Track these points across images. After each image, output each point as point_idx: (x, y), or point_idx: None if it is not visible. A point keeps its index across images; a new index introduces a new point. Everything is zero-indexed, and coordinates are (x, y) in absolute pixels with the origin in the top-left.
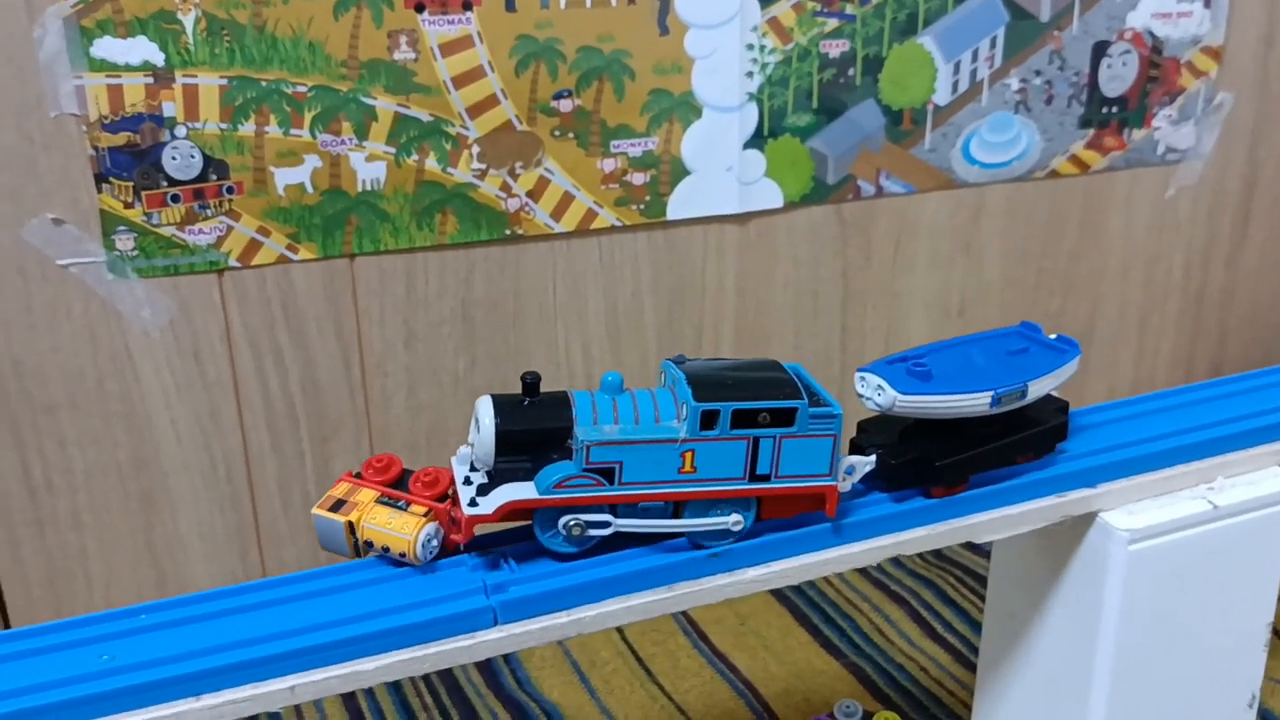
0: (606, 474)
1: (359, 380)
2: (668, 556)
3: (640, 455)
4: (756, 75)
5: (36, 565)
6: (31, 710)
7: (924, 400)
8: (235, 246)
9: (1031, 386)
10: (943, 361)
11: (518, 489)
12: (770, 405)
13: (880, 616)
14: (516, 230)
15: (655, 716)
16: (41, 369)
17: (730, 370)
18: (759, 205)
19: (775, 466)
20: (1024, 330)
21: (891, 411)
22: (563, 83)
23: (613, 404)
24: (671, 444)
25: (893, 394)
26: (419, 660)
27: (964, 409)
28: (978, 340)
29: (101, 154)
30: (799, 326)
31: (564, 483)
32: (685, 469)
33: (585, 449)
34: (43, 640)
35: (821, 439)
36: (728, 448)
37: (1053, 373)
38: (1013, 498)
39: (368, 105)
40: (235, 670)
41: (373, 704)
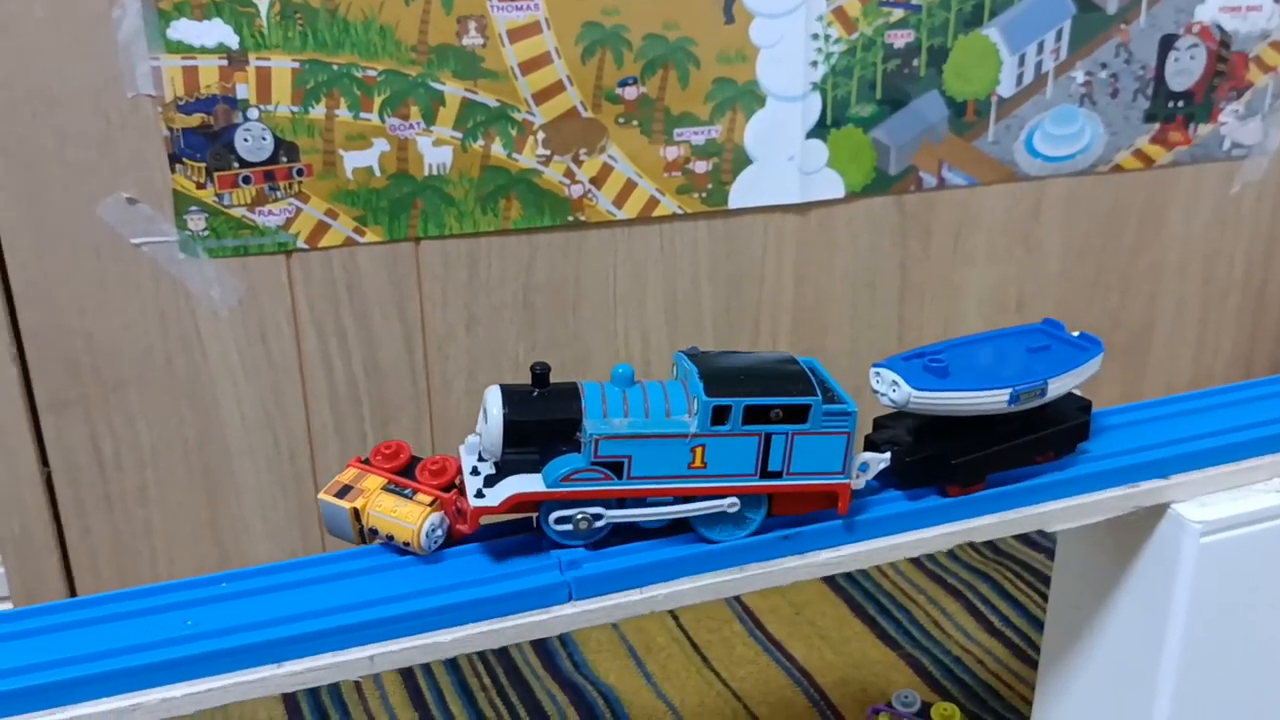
0: (615, 468)
1: (421, 363)
2: (746, 539)
3: (649, 449)
4: (821, 65)
5: (103, 538)
6: (122, 672)
7: (940, 397)
8: (303, 228)
9: (1051, 384)
10: (961, 358)
11: (525, 481)
12: (783, 401)
13: (936, 609)
14: (579, 217)
15: (711, 702)
16: (112, 346)
17: (743, 365)
18: (820, 195)
19: (787, 463)
20: (1046, 327)
21: (907, 408)
22: (628, 70)
23: (623, 396)
24: (682, 439)
25: (908, 390)
26: (495, 634)
27: (981, 406)
28: (997, 337)
29: (175, 135)
30: (856, 317)
31: (571, 476)
32: (695, 464)
33: (594, 442)
34: (128, 605)
35: (835, 436)
36: (739, 443)
37: (1073, 370)
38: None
39: (436, 90)
40: (317, 638)
41: (431, 683)
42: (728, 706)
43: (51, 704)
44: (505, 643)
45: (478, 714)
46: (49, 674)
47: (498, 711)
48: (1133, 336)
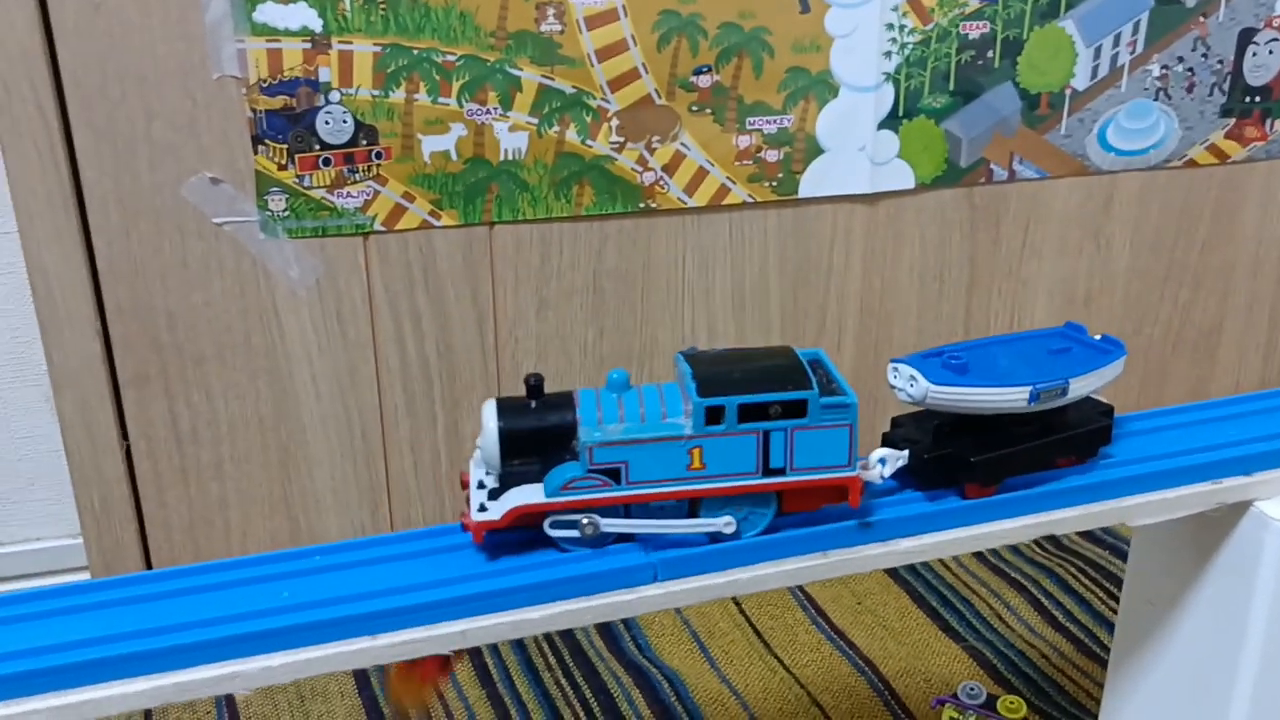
0: (612, 474)
1: (491, 346)
2: (826, 525)
3: (646, 454)
4: (895, 55)
5: (179, 511)
6: (223, 640)
7: (959, 392)
8: (381, 211)
9: (1073, 384)
10: (981, 357)
11: (526, 493)
12: (778, 397)
13: (999, 602)
14: (650, 204)
15: (775, 688)
16: (193, 322)
17: (739, 362)
18: (890, 186)
19: (790, 459)
20: (1067, 330)
21: (924, 404)
22: (703, 58)
23: (618, 402)
24: (677, 441)
25: (925, 385)
26: (582, 612)
27: (1001, 404)
28: (1019, 339)
29: (259, 116)
30: (923, 309)
31: (570, 484)
32: (694, 466)
33: (588, 450)
34: (226, 575)
35: (836, 429)
36: (737, 443)
37: (1096, 371)
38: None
39: (513, 76)
40: (412, 612)
41: (498, 661)
42: (791, 693)
43: (155, 669)
44: (591, 621)
45: (543, 692)
46: (152, 640)
47: (563, 691)
48: (1202, 334)
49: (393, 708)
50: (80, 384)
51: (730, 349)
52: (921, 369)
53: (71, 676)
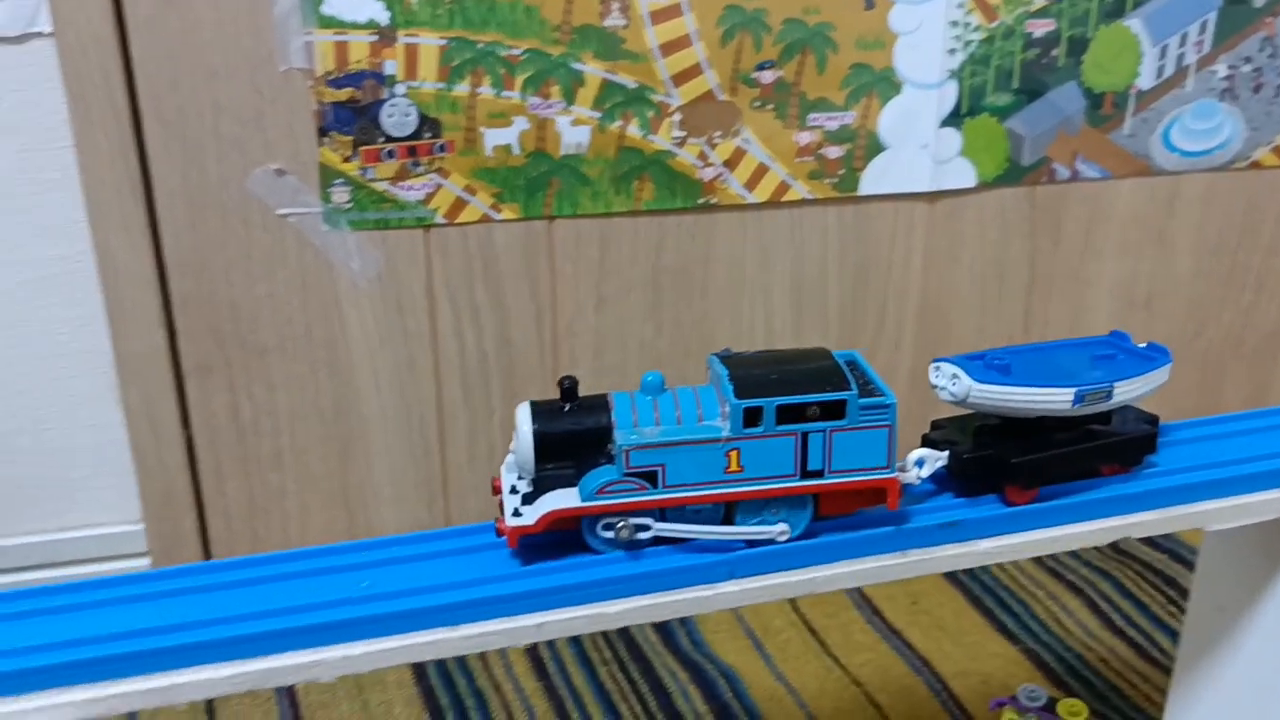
0: (649, 477)
1: (550, 340)
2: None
3: (683, 457)
4: (959, 52)
5: (239, 500)
6: (305, 629)
7: (1002, 391)
8: (443, 204)
9: (1118, 388)
10: (1024, 361)
11: (561, 497)
12: (817, 399)
13: (1056, 605)
14: (710, 200)
15: (831, 687)
16: (256, 314)
17: (776, 363)
18: (951, 184)
19: (828, 461)
20: (1112, 339)
21: (966, 403)
22: (766, 54)
23: (653, 404)
24: (715, 444)
25: (968, 383)
26: (660, 607)
27: (1044, 405)
28: (1062, 345)
29: (324, 108)
30: (982, 309)
31: (606, 488)
32: (732, 469)
33: (625, 453)
34: (301, 564)
35: (875, 430)
36: (775, 444)
37: (1141, 376)
38: (1187, 496)
39: (577, 70)
40: (489, 604)
41: (553, 655)
42: (847, 692)
43: (238, 656)
44: (668, 617)
45: (599, 686)
46: (236, 627)
47: (619, 684)
48: (1265, 338)
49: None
50: (145, 374)
51: (765, 350)
52: (964, 368)
53: (138, 664)
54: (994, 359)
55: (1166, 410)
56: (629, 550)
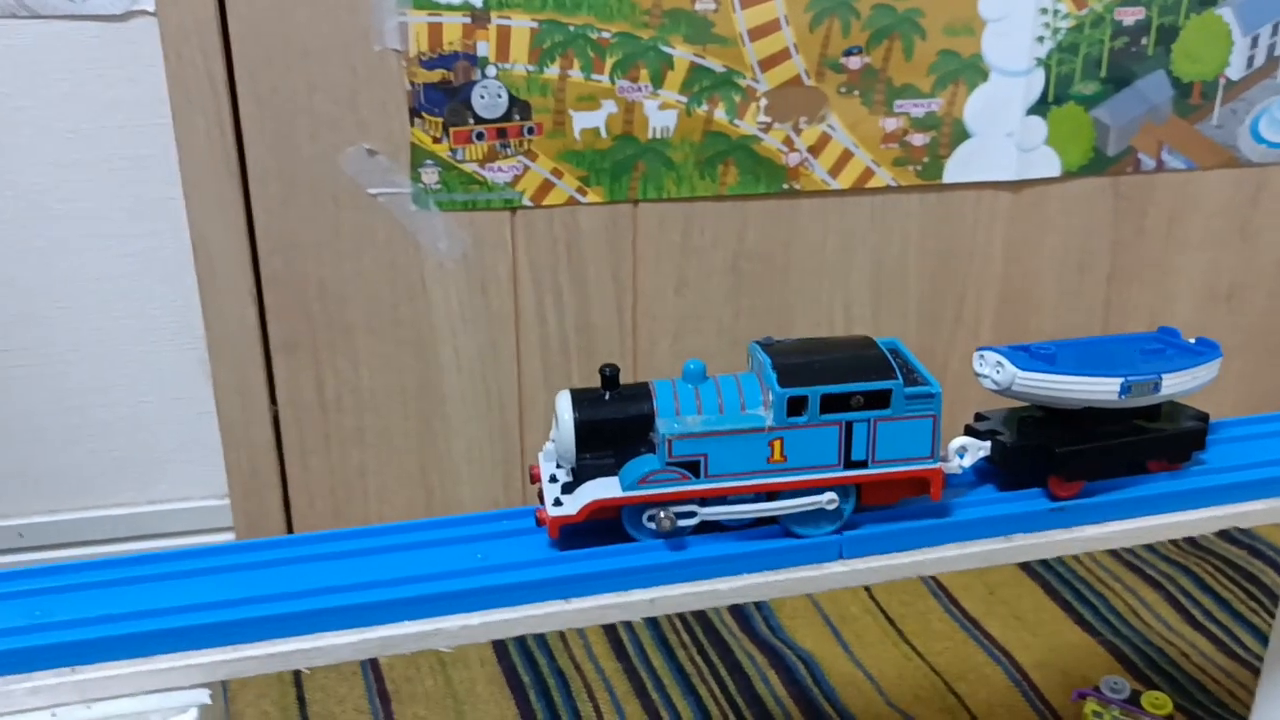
0: (691, 467)
1: (630, 323)
2: (1012, 506)
3: (725, 446)
4: (1047, 40)
5: (321, 476)
6: (426, 598)
7: (1047, 379)
8: (530, 186)
9: (1166, 380)
10: (1070, 352)
11: (602, 486)
12: (862, 387)
13: (1134, 598)
14: (793, 185)
15: (910, 675)
16: (343, 292)
17: (820, 352)
18: (1036, 173)
19: (871, 451)
20: (1161, 334)
21: (1010, 391)
22: (854, 39)
23: (695, 393)
24: (758, 433)
25: (1012, 370)
26: (770, 585)
27: (1090, 395)
28: (1111, 340)
29: (416, 89)
30: (1062, 299)
31: (648, 478)
32: (774, 458)
33: (667, 442)
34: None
35: (920, 420)
36: (819, 434)
37: (1190, 370)
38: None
39: (666, 54)
40: (602, 578)
41: (632, 636)
42: (926, 680)
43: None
44: (777, 595)
45: (678, 668)
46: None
47: (697, 667)
48: None
49: None
50: (235, 349)
51: (808, 338)
52: (1009, 356)
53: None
54: (1039, 349)
55: (1245, 404)
56: (669, 539)
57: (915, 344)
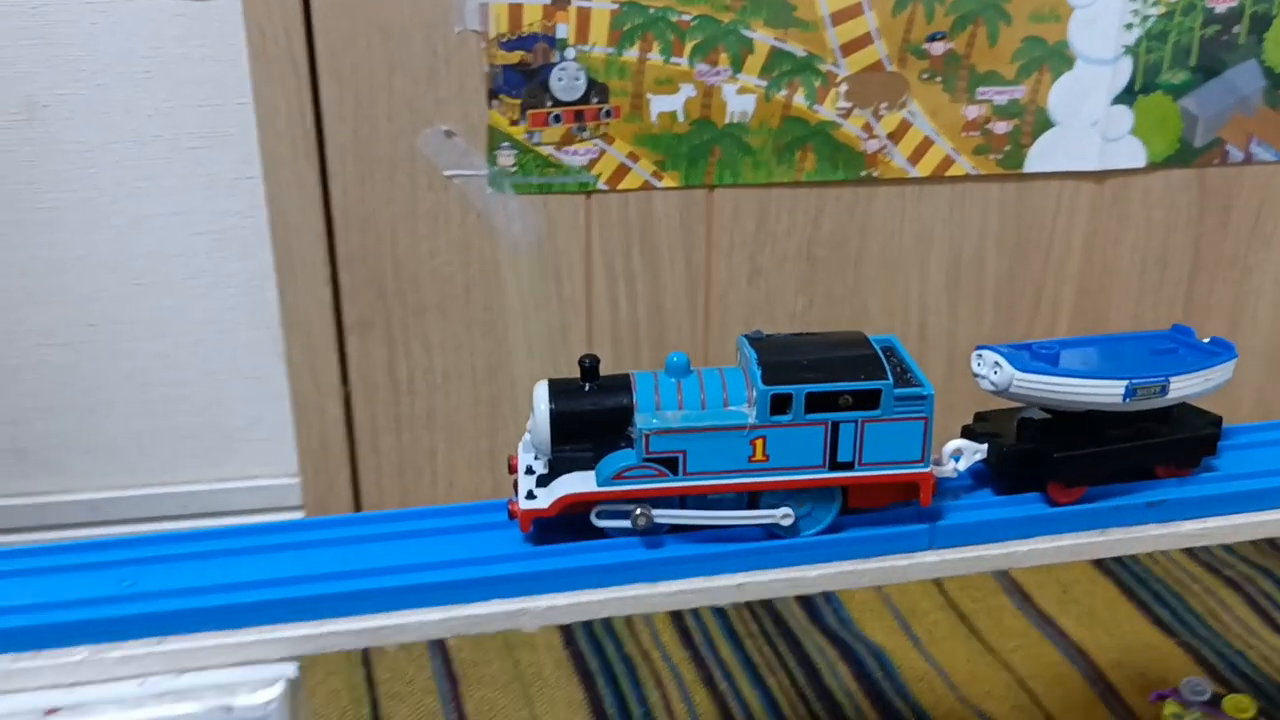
0: (669, 464)
1: (701, 310)
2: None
3: (705, 444)
4: (1135, 28)
5: (390, 457)
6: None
7: (1046, 381)
8: (605, 170)
9: (1174, 383)
10: (1076, 352)
11: (577, 480)
12: (849, 387)
13: (1213, 600)
14: (872, 172)
15: (982, 672)
16: (417, 273)
17: (809, 348)
18: (1119, 164)
19: (859, 453)
20: (1175, 333)
21: (1009, 393)
22: (937, 25)
23: (677, 387)
24: (740, 431)
25: (1010, 371)
26: (857, 574)
27: (1093, 398)
28: (1122, 338)
29: (495, 71)
30: (1141, 294)
31: (623, 473)
32: (756, 457)
33: (644, 438)
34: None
35: (910, 422)
36: (803, 434)
37: (1201, 372)
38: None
39: (746, 37)
40: (692, 562)
41: (699, 625)
42: (999, 677)
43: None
44: (867, 584)
45: (746, 658)
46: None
47: (765, 658)
48: None
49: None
50: (308, 328)
51: (799, 333)
52: (1008, 356)
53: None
54: (1042, 349)
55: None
56: (645, 536)
57: (990, 336)
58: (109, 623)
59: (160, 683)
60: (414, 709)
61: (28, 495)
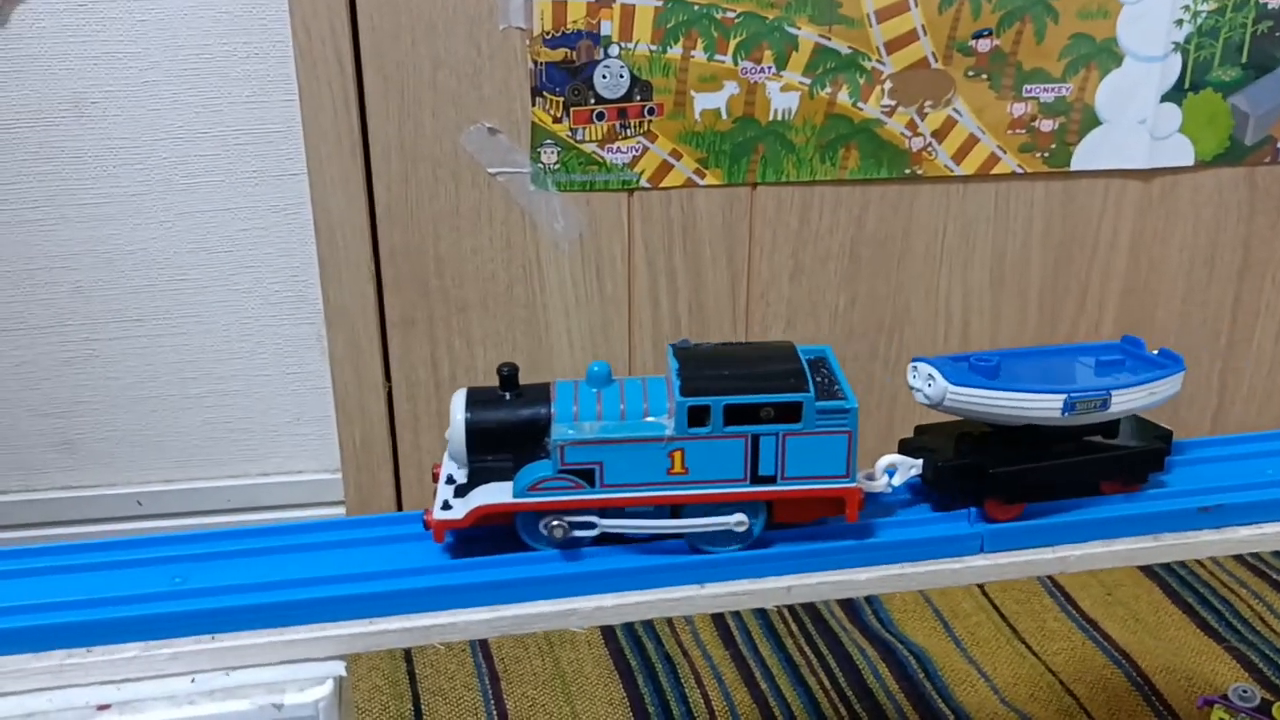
0: (586, 475)
1: (742, 308)
2: (1157, 504)
3: (622, 455)
4: (1186, 24)
5: (432, 454)
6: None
7: (981, 395)
8: (648, 167)
9: (1116, 396)
10: (1019, 364)
11: (494, 491)
12: (769, 399)
13: (1261, 604)
14: (916, 170)
15: (1025, 675)
16: (460, 270)
17: (733, 359)
18: (1168, 162)
19: (781, 467)
20: (1125, 344)
21: (942, 407)
22: (984, 21)
23: (597, 397)
24: (657, 443)
25: (944, 385)
26: (908, 577)
27: (1030, 411)
28: (1069, 349)
29: (539, 68)
30: (1188, 294)
31: (539, 485)
32: (675, 470)
33: (560, 449)
34: None
35: (834, 436)
36: (722, 446)
37: (1145, 385)
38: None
39: (791, 34)
40: (739, 564)
41: (740, 625)
42: (1043, 680)
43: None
44: (916, 588)
45: (787, 658)
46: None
47: (806, 657)
48: None
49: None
50: (351, 324)
51: (726, 343)
52: (941, 368)
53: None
54: (981, 361)
55: None
56: (565, 549)
57: (1034, 337)
58: (160, 619)
59: (211, 680)
60: (455, 706)
61: (74, 488)
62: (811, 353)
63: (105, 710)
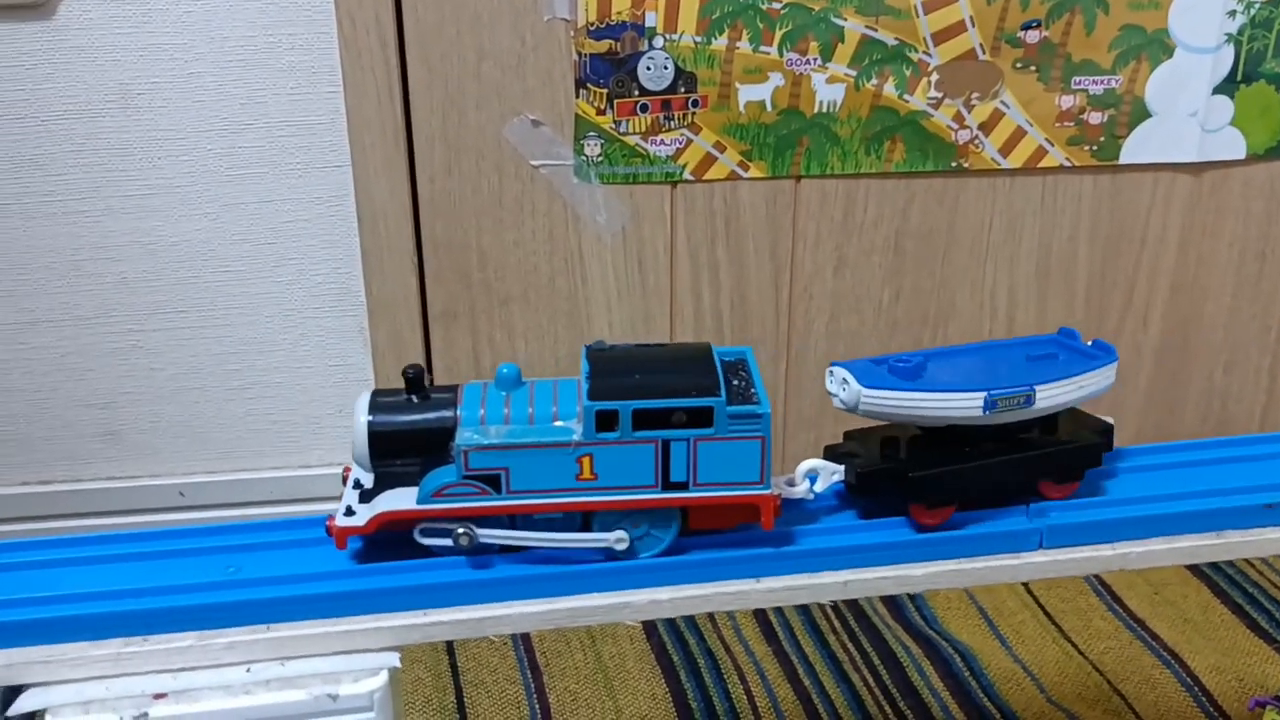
0: (491, 481)
1: (785, 301)
2: (1219, 501)
3: (528, 461)
4: (1239, 15)
5: None
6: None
7: (895, 398)
8: (691, 160)
9: (1040, 392)
10: (946, 363)
11: (399, 497)
12: (679, 404)
13: None
14: (962, 163)
15: (1072, 673)
16: (502, 262)
17: (646, 362)
18: (1218, 155)
19: (693, 473)
20: (1060, 337)
21: (859, 411)
22: (1033, 12)
23: (505, 400)
24: (564, 448)
25: (857, 388)
26: (964, 573)
27: (950, 412)
28: (1002, 345)
29: (583, 59)
30: (1238, 290)
31: (443, 491)
32: (584, 476)
33: (463, 454)
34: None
35: (747, 441)
36: (631, 452)
37: (1073, 379)
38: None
39: (837, 26)
40: (796, 558)
41: (782, 621)
42: (1090, 679)
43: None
44: (973, 584)
45: (830, 654)
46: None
47: (849, 654)
48: None
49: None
50: (394, 315)
51: (642, 345)
52: (856, 371)
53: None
54: (900, 362)
55: None
56: (471, 556)
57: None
58: (215, 609)
59: (266, 670)
60: (497, 699)
61: (119, 479)
62: (731, 354)
63: (162, 699)
